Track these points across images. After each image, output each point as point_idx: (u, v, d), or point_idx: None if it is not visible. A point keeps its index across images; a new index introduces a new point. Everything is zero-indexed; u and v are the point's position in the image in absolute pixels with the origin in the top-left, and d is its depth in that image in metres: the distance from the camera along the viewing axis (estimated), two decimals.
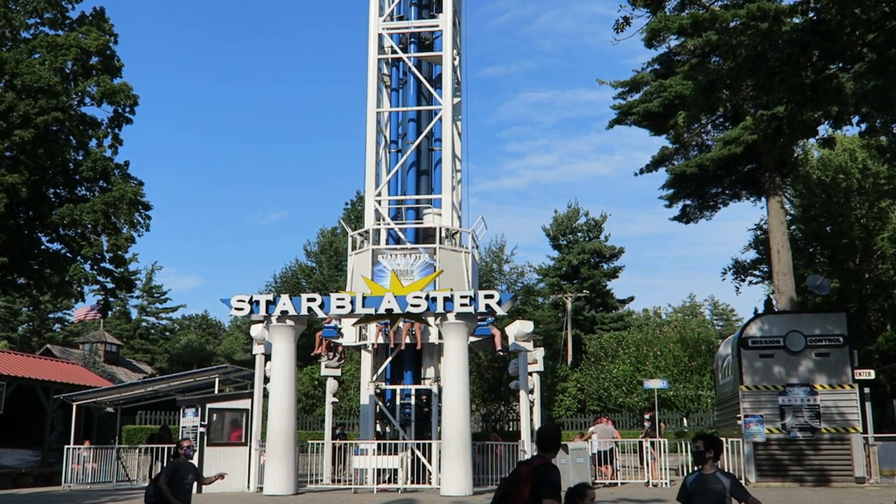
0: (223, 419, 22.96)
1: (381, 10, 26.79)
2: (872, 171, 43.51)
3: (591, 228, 62.18)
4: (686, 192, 42.69)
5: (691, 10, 36.88)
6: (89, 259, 39.68)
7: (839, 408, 22.47)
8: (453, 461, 20.06)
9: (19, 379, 28.35)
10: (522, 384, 22.99)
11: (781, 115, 22.30)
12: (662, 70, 40.45)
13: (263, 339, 23.10)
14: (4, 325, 68.36)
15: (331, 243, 53.56)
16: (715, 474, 7.35)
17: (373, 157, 25.97)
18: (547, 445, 6.61)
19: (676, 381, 38.87)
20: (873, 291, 44.01)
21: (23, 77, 36.10)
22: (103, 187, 40.00)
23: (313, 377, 39.07)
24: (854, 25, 17.03)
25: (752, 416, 22.79)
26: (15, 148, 36.62)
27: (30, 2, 39.68)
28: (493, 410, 41.66)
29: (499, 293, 21.21)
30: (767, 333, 23.35)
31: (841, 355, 22.77)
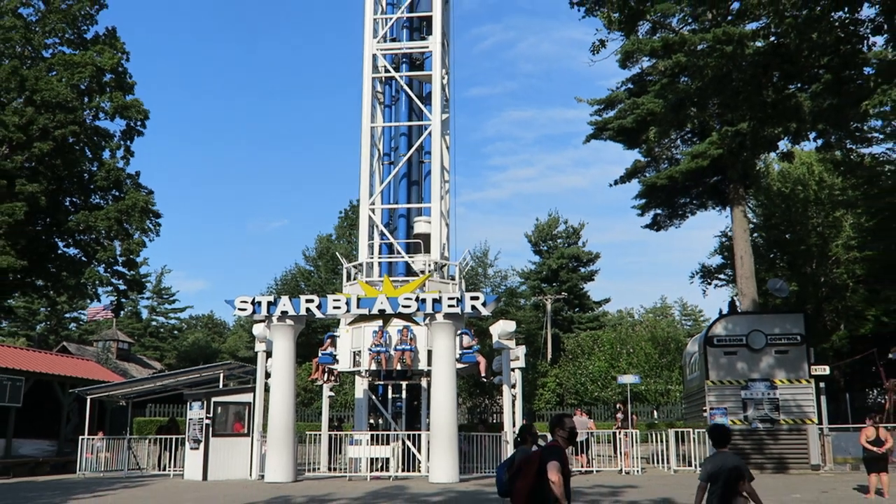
0: (227, 412, 22.87)
1: (376, 32, 26.83)
2: (828, 183, 43.80)
3: (570, 235, 62.32)
4: (657, 202, 42.80)
5: (662, 35, 37.03)
6: (103, 263, 39.52)
7: (797, 401, 22.58)
8: (441, 451, 20.06)
9: (37, 374, 28.17)
10: (505, 379, 23.00)
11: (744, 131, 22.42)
12: (635, 89, 40.58)
13: (265, 337, 23.03)
14: (24, 324, 67.90)
15: (327, 249, 53.41)
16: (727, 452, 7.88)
17: (367, 169, 25.97)
18: (552, 428, 7.01)
19: (648, 377, 38.95)
20: (828, 294, 44.26)
21: (42, 93, 35.95)
22: (116, 196, 39.88)
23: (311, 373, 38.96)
24: (811, 49, 17.13)
25: (716, 408, 22.87)
26: (34, 159, 36.46)
27: (49, 23, 39.54)
28: (478, 403, 41.62)
29: (483, 295, 21.25)
30: (731, 332, 23.44)
31: (799, 353, 22.89)
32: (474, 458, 23.15)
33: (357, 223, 31.29)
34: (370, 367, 23.16)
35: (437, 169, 26.31)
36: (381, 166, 27.18)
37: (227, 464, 22.16)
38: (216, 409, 22.64)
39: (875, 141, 39.29)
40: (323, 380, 25.11)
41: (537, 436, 7.61)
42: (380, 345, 22.89)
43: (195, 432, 22.66)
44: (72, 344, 51.19)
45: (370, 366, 23.09)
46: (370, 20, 26.79)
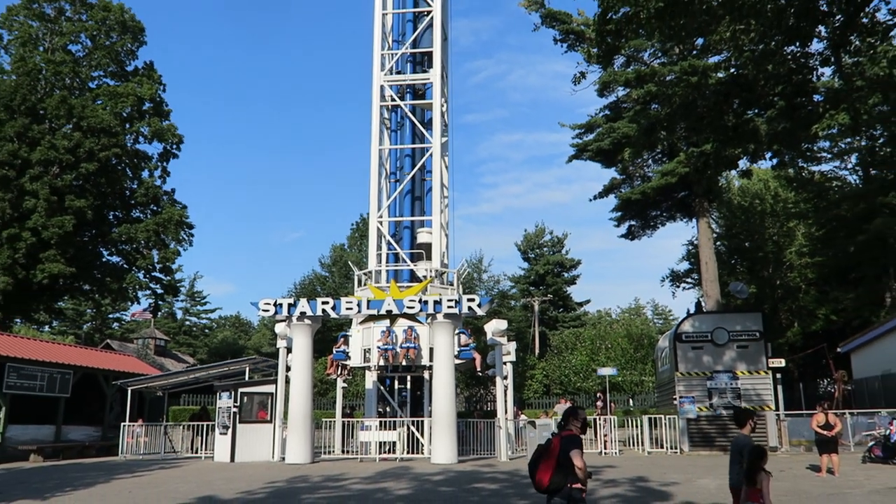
0: (252, 401, 22.79)
1: (383, 65, 26.86)
2: (782, 197, 43.89)
3: (555, 244, 62.30)
4: (631, 214, 42.84)
5: (635, 67, 37.19)
6: (143, 269, 39.52)
7: (756, 390, 22.53)
8: (441, 435, 19.99)
9: (84, 368, 28.09)
10: (498, 372, 22.93)
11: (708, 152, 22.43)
12: (612, 115, 40.65)
13: (286, 335, 22.98)
14: (72, 323, 67.76)
15: (340, 257, 53.34)
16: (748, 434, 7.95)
17: (375, 186, 25.95)
18: (566, 419, 6.95)
19: (624, 369, 38.86)
20: (783, 295, 44.27)
21: (88, 120, 36.00)
22: (154, 210, 39.90)
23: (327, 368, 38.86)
24: (767, 79, 17.16)
25: (685, 396, 22.83)
26: (82, 178, 36.48)
27: (95, 58, 39.62)
28: (474, 393, 41.52)
29: (479, 297, 21.21)
30: (698, 329, 23.41)
31: (757, 347, 22.86)
32: (471, 441, 23.08)
33: (367, 234, 31.27)
34: (379, 362, 23.12)
35: (438, 186, 26.31)
36: (388, 184, 27.17)
37: (252, 447, 22.07)
38: (242, 399, 22.57)
39: (824, 160, 39.47)
40: (337, 374, 25.05)
41: (585, 421, 7.18)
42: (387, 342, 22.88)
43: (224, 419, 22.59)
44: (114, 341, 51.05)
45: (379, 361, 23.04)
46: (378, 55, 26.83)
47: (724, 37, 16.76)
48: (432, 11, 26.84)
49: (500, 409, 22.29)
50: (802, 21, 15.49)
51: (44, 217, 33.74)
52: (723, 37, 16.80)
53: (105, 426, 29.29)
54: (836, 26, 15.95)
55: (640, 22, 15.28)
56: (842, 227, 37.40)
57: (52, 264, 33.83)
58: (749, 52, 17.00)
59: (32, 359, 25.40)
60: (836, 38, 15.95)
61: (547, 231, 62.68)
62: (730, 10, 14.96)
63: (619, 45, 17.36)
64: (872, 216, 34.69)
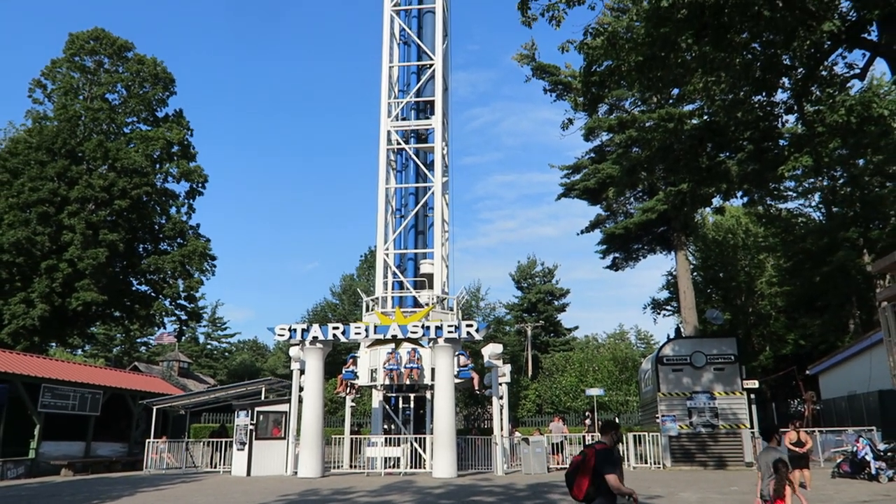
0: (268, 419, 22.56)
1: (389, 113, 27.11)
2: (753, 232, 43.98)
3: (546, 275, 62.14)
4: (615, 247, 42.86)
5: (617, 114, 37.54)
6: (169, 297, 39.42)
7: (732, 409, 22.31)
8: (442, 451, 19.75)
9: (113, 388, 27.88)
10: (494, 392, 22.74)
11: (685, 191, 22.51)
12: (597, 157, 40.93)
13: (299, 357, 22.83)
14: (103, 347, 67.36)
15: (350, 286, 53.26)
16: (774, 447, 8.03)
17: (382, 221, 26.02)
18: (603, 432, 6.88)
19: (610, 390, 38.54)
20: (756, 321, 44.12)
21: (122, 161, 36.24)
22: (180, 243, 39.93)
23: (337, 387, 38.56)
24: (737, 125, 17.30)
25: (667, 415, 22.59)
26: (115, 214, 36.60)
27: (129, 106, 40.02)
28: (472, 412, 41.12)
29: (476, 323, 21.11)
30: (678, 353, 23.26)
31: (733, 370, 22.69)
32: (469, 456, 22.80)
33: (374, 265, 31.25)
34: (384, 382, 22.94)
35: (439, 221, 26.38)
36: (394, 219, 27.24)
37: (267, 462, 21.80)
38: (258, 417, 22.36)
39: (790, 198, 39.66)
40: (346, 392, 24.83)
41: (617, 433, 7.05)
42: (392, 363, 22.72)
43: (241, 436, 22.34)
44: (141, 363, 50.77)
45: (384, 380, 22.87)
46: (385, 103, 27.10)
47: (697, 87, 16.95)
48: (434, 65, 27.18)
49: (497, 427, 22.05)
50: (768, 74, 15.70)
51: (79, 249, 33.78)
52: (696, 87, 16.99)
53: (131, 442, 28.97)
54: (798, 79, 16.15)
55: (622, 74, 15.48)
56: (807, 259, 37.41)
57: (86, 293, 33.77)
58: (720, 101, 17.17)
59: (66, 380, 25.22)
60: (798, 89, 16.14)
61: (538, 262, 62.55)
62: (702, 63, 15.16)
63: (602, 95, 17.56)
64: (835, 249, 34.74)
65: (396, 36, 28.40)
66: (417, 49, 28.00)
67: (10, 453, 23.00)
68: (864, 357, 26.34)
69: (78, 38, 38.88)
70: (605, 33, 15.02)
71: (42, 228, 33.88)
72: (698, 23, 13.85)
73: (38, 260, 33.80)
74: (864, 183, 34.92)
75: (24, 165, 35.14)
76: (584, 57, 15.55)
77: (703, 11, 13.48)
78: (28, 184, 34.32)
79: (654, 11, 13.47)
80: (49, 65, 38.94)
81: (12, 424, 23.06)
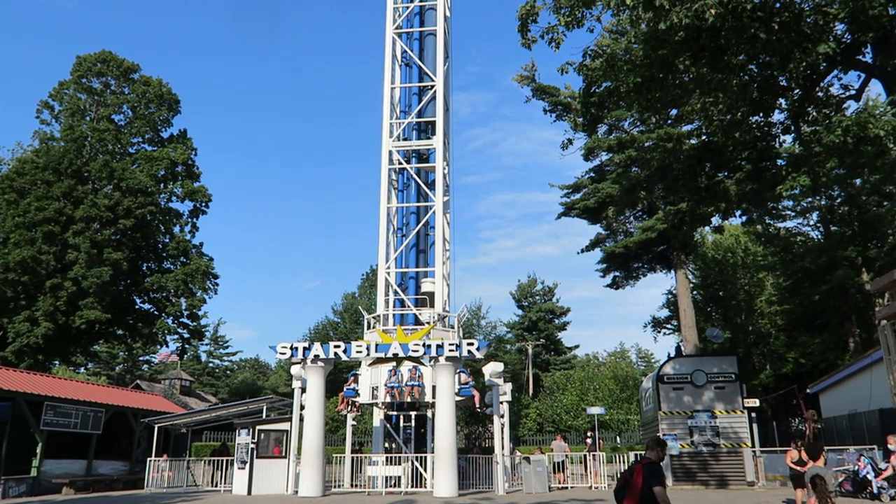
0: (269, 438, 22.42)
1: (391, 133, 27.25)
2: (752, 250, 43.94)
3: (546, 293, 62.09)
4: (615, 266, 42.84)
5: (617, 134, 37.73)
6: (171, 315, 39.37)
7: (733, 428, 22.17)
8: (443, 470, 19.59)
9: (115, 407, 27.75)
10: (495, 410, 22.62)
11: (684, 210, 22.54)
12: (596, 177, 41.05)
13: (300, 376, 22.74)
14: (105, 365, 67.15)
15: (351, 304, 53.17)
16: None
17: (384, 240, 26.03)
18: (650, 448, 6.91)
19: (611, 408, 38.34)
20: (756, 340, 43.94)
21: (127, 181, 36.40)
22: (183, 262, 39.95)
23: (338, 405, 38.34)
24: (734, 145, 17.37)
25: (668, 434, 22.44)
26: (119, 233, 36.69)
27: (135, 126, 40.29)
28: (473, 430, 40.88)
29: (477, 341, 21.04)
30: (678, 371, 23.16)
31: (733, 388, 22.57)
32: (470, 475, 22.61)
33: (376, 283, 31.23)
34: (386, 400, 22.82)
35: (440, 240, 26.39)
36: (395, 238, 27.26)
37: (268, 481, 21.62)
38: (259, 436, 22.22)
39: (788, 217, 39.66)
40: (347, 410, 24.68)
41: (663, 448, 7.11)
42: (394, 381, 22.62)
43: (242, 454, 22.19)
44: (144, 382, 50.55)
45: (386, 398, 22.75)
46: (387, 124, 27.25)
47: (695, 108, 17.06)
48: (435, 86, 27.37)
49: (498, 446, 21.90)
50: (765, 95, 15.81)
51: (84, 268, 33.81)
52: (694, 108, 17.10)
53: (132, 461, 28.77)
54: (794, 99, 16.25)
55: (621, 95, 15.59)
56: (806, 278, 37.36)
57: (89, 311, 33.76)
58: (718, 122, 17.26)
59: (68, 398, 25.11)
60: (795, 109, 16.24)
61: (539, 281, 62.55)
62: (700, 84, 15.28)
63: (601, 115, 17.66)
64: (834, 268, 34.70)
65: (398, 58, 28.63)
66: (419, 70, 28.22)
67: (11, 471, 22.84)
68: (864, 375, 26.19)
69: (85, 61, 39.26)
70: (603, 55, 15.16)
71: (47, 247, 33.95)
72: (695, 45, 13.98)
73: (43, 278, 33.83)
74: (861, 202, 34.96)
75: (31, 185, 35.30)
76: (583, 78, 15.68)
77: (700, 34, 13.60)
78: (34, 203, 34.45)
79: (652, 34, 13.60)
80: (57, 86, 39.30)
81: (14, 442, 22.93)
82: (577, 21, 14.13)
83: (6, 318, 33.80)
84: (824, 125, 14.63)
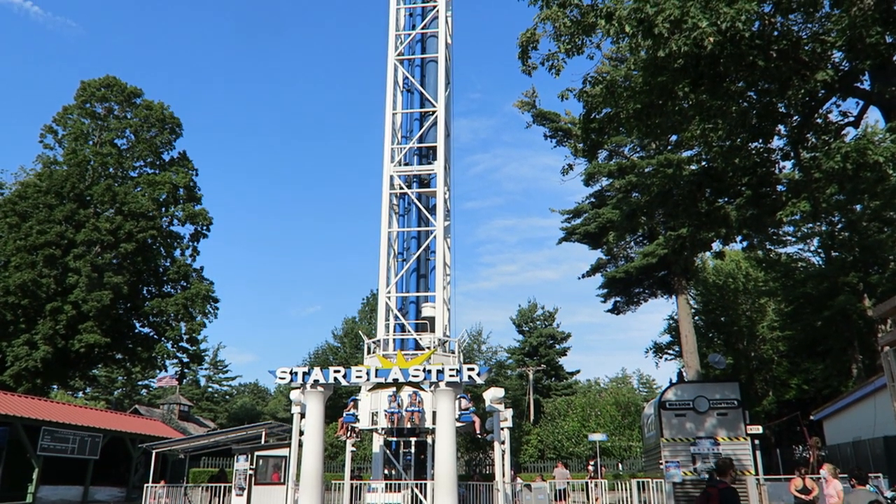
0: (267, 464, 22.22)
1: (393, 158, 27.39)
2: (753, 276, 43.88)
3: (547, 318, 61.89)
4: (616, 291, 42.75)
5: (617, 160, 37.93)
6: (171, 340, 39.27)
7: (736, 455, 21.92)
8: (443, 497, 19.32)
9: (113, 431, 27.54)
10: (496, 437, 22.40)
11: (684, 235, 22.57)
12: (597, 202, 41.17)
13: (300, 401, 22.56)
14: (104, 389, 66.75)
15: (352, 329, 53.00)
16: None
17: (385, 264, 26.01)
18: (723, 472, 6.86)
19: (613, 435, 37.98)
20: (758, 366, 43.69)
21: (129, 205, 36.54)
22: (184, 286, 39.94)
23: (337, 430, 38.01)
24: (734, 171, 17.44)
25: (671, 461, 22.19)
26: (120, 256, 36.74)
27: (137, 151, 40.54)
28: (474, 457, 40.48)
29: (478, 367, 20.88)
30: (680, 398, 22.99)
31: (736, 415, 22.38)
32: (471, 503, 22.32)
33: (376, 308, 31.15)
34: (386, 425, 22.63)
35: (441, 265, 26.37)
36: (396, 263, 27.24)
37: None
38: (258, 462, 22.02)
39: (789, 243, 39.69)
40: (347, 436, 24.46)
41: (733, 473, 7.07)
42: (394, 407, 22.44)
43: (240, 481, 21.96)
44: (142, 406, 50.22)
45: (386, 424, 22.56)
46: (388, 149, 27.42)
47: (695, 134, 17.15)
48: (436, 112, 27.58)
49: (499, 473, 21.66)
50: (764, 121, 15.91)
51: (84, 292, 33.80)
52: (694, 134, 17.20)
53: (129, 487, 28.47)
54: (793, 126, 16.36)
55: (620, 121, 15.70)
56: (808, 303, 37.25)
57: (89, 335, 33.67)
58: (718, 148, 17.34)
59: (66, 422, 24.94)
60: (794, 136, 16.33)
61: (539, 306, 62.40)
62: (699, 111, 15.39)
63: (602, 141, 17.75)
64: (835, 294, 34.61)
65: (400, 84, 28.89)
66: (420, 96, 28.45)
67: (7, 497, 22.60)
68: (868, 402, 25.99)
69: (90, 86, 39.64)
70: (603, 82, 15.30)
71: (48, 271, 33.97)
72: (694, 72, 14.11)
73: (43, 302, 33.79)
74: (862, 228, 34.99)
75: (33, 209, 35.44)
76: (583, 104, 15.80)
77: (698, 61, 13.73)
78: (36, 227, 34.56)
79: (651, 61, 13.73)
80: (61, 111, 39.63)
81: (11, 467, 22.73)
82: (577, 48, 14.29)
83: (5, 341, 33.72)
84: (824, 151, 14.70)
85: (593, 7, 13.75)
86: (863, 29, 12.32)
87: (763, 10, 13.13)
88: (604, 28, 13.25)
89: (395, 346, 24.64)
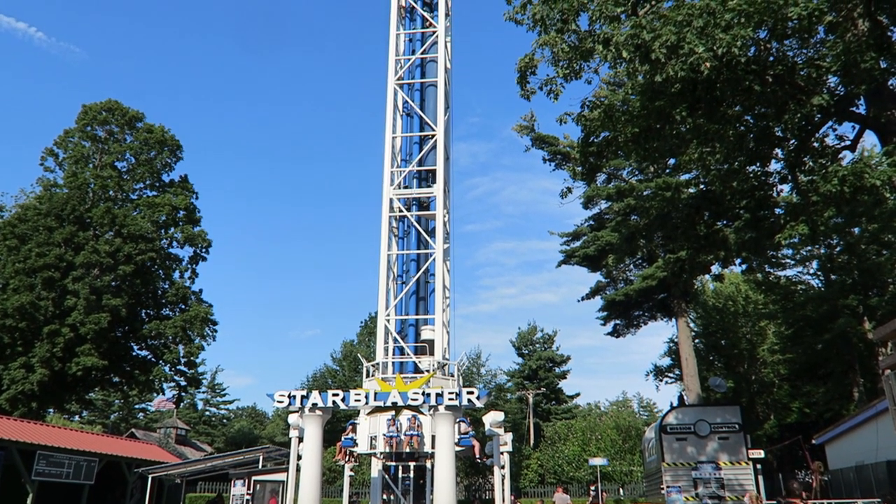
0: (264, 489, 22.00)
1: (392, 181, 27.51)
2: (753, 299, 43.85)
3: (546, 341, 61.69)
4: (616, 314, 42.68)
5: (615, 183, 38.11)
6: (169, 363, 39.07)
7: (738, 479, 21.74)
8: None
9: (109, 456, 27.28)
10: (496, 461, 22.21)
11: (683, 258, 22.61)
12: (596, 225, 41.28)
13: (298, 425, 22.40)
14: (100, 413, 66.24)
15: (350, 352, 52.79)
16: None
17: (384, 287, 25.99)
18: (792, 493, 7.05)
19: (614, 459, 37.64)
20: (759, 389, 43.49)
21: (129, 227, 36.60)
22: (182, 309, 39.85)
23: (336, 454, 37.69)
24: (732, 194, 17.53)
25: (672, 486, 21.99)
26: (119, 279, 36.71)
27: (137, 173, 40.72)
28: (473, 482, 40.07)
29: (477, 390, 20.76)
30: (681, 422, 22.84)
31: (738, 439, 22.23)
32: None
33: (375, 331, 31.06)
34: (384, 450, 22.44)
35: (440, 288, 26.36)
36: (395, 285, 27.22)
37: None
38: (255, 487, 21.81)
39: (788, 265, 39.75)
40: (345, 460, 24.25)
41: None
42: (392, 431, 22.28)
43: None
44: (139, 430, 49.77)
45: (384, 448, 22.38)
46: (388, 172, 27.55)
47: (692, 157, 17.27)
48: (436, 135, 27.76)
49: (499, 498, 21.45)
50: (761, 145, 16.03)
51: (82, 314, 33.72)
52: (692, 157, 17.32)
53: None
54: (790, 149, 16.47)
55: (619, 145, 15.82)
56: (808, 326, 37.18)
57: (86, 357, 33.53)
58: (716, 171, 17.45)
59: (61, 447, 24.73)
60: (791, 159, 16.44)
61: (539, 329, 62.21)
62: (697, 135, 15.51)
63: (600, 165, 17.87)
64: (835, 317, 34.58)
65: (399, 108, 29.13)
66: (420, 120, 28.66)
67: None
68: (870, 426, 25.82)
69: (91, 110, 39.93)
70: (601, 106, 15.45)
71: (46, 293, 33.92)
72: (692, 96, 14.25)
73: (41, 324, 33.69)
74: (860, 251, 35.06)
75: (33, 231, 35.50)
76: (581, 128, 15.93)
77: (695, 86, 13.88)
78: (35, 249, 34.58)
79: (649, 86, 13.88)
80: (62, 134, 39.87)
81: (5, 492, 22.51)
82: (575, 73, 14.45)
83: (2, 364, 33.55)
84: (821, 175, 14.79)
85: (591, 33, 13.92)
86: (857, 54, 12.48)
87: (759, 35, 13.30)
88: (601, 53, 13.41)
89: (395, 369, 24.53)
